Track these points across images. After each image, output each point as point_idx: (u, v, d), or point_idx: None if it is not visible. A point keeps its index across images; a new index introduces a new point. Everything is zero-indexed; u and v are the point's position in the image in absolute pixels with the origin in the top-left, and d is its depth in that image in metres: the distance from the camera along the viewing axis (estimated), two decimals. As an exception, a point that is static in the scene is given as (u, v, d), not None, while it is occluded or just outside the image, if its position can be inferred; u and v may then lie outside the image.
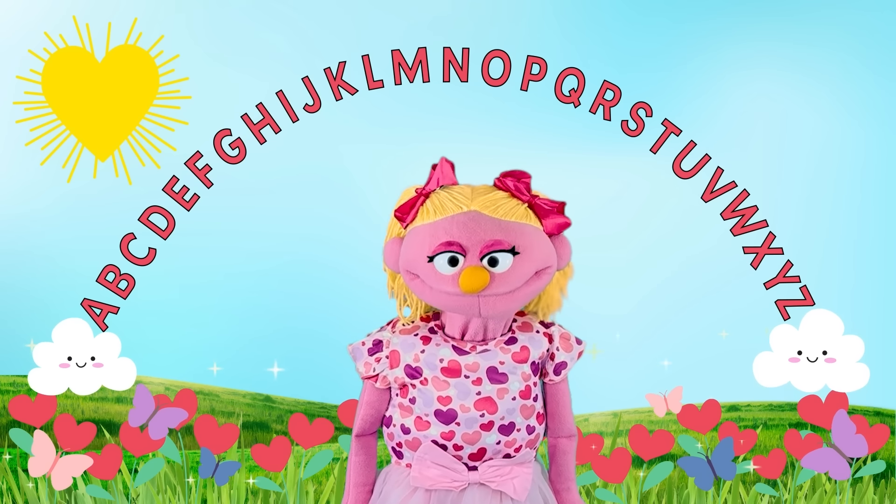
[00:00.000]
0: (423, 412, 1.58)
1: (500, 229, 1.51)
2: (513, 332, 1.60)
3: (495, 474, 1.58)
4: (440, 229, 1.52)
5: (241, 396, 2.64)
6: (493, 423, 1.56)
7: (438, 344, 1.58)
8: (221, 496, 2.46)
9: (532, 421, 1.60)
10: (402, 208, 1.57)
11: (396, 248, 1.57)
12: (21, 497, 2.49)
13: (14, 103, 2.42)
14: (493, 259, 1.50)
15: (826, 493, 2.50)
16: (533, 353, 1.60)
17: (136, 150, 2.43)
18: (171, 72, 2.42)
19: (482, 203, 1.53)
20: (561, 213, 1.56)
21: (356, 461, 1.67)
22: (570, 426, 1.67)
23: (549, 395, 1.65)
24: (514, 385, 1.57)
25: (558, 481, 1.69)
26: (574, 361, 1.64)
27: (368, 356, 1.61)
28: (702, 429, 2.44)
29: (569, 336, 1.64)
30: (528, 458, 1.60)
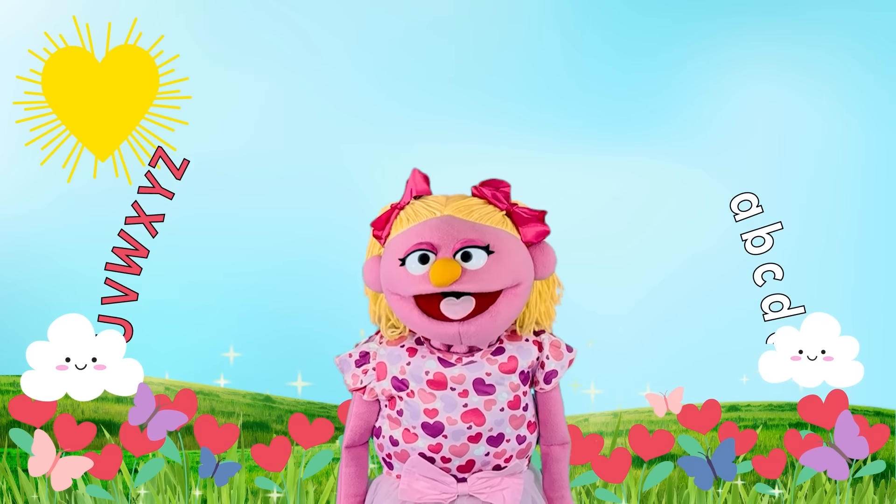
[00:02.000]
0: (411, 424, 1.56)
1: (473, 229, 1.49)
2: (500, 342, 1.58)
3: (485, 486, 1.56)
4: (413, 233, 1.50)
5: (241, 396, 2.65)
6: (482, 434, 1.55)
7: (424, 356, 1.56)
8: (221, 496, 2.46)
9: (522, 430, 1.58)
10: (376, 223, 1.56)
11: (376, 265, 1.55)
12: (21, 497, 2.49)
13: (14, 103, 2.42)
14: (467, 254, 1.48)
15: (826, 493, 2.51)
16: (522, 362, 1.58)
17: (136, 150, 2.43)
18: (171, 72, 2.42)
19: (456, 208, 1.52)
20: (541, 222, 1.54)
21: (346, 472, 1.66)
22: (562, 434, 1.66)
23: (540, 404, 1.63)
24: (501, 396, 1.55)
25: (552, 489, 1.68)
26: (565, 370, 1.62)
27: (356, 368, 1.59)
28: (702, 429, 2.44)
29: (559, 344, 1.62)
30: (518, 469, 1.59)
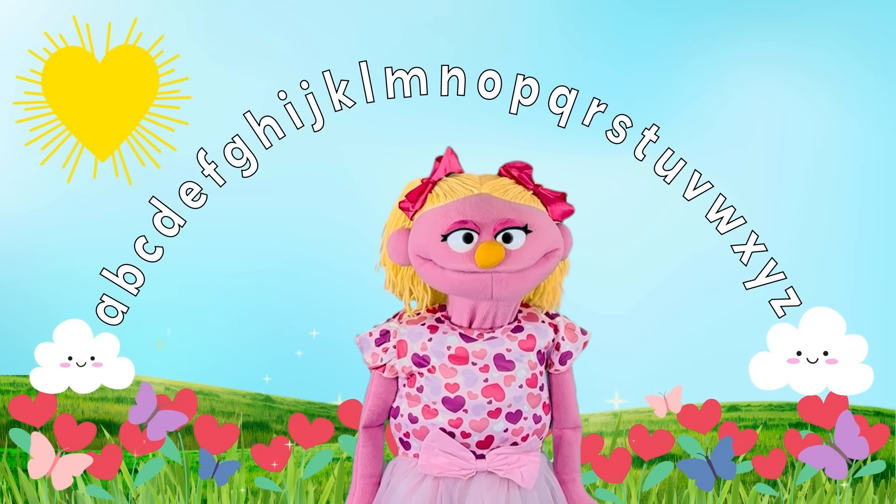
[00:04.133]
0: (431, 400, 1.58)
1: (511, 209, 1.54)
2: (519, 322, 1.61)
3: (503, 462, 1.58)
4: (452, 210, 1.54)
5: (241, 396, 2.65)
6: (501, 410, 1.57)
7: (446, 332, 1.59)
8: (221, 496, 2.46)
9: (538, 410, 1.60)
10: (410, 196, 1.58)
11: (403, 237, 1.58)
12: (21, 497, 2.49)
13: (14, 103, 2.42)
14: (508, 235, 1.52)
15: (826, 493, 2.50)
16: (539, 342, 1.60)
17: (136, 150, 2.43)
18: (171, 72, 2.42)
19: (491, 187, 1.56)
20: (564, 201, 1.59)
21: (363, 452, 1.66)
22: (575, 417, 1.68)
23: (554, 386, 1.65)
24: (520, 373, 1.58)
25: (564, 472, 1.69)
26: (579, 352, 1.65)
27: (376, 346, 1.61)
28: (702, 429, 2.44)
29: (574, 326, 1.65)
30: (535, 447, 1.60)
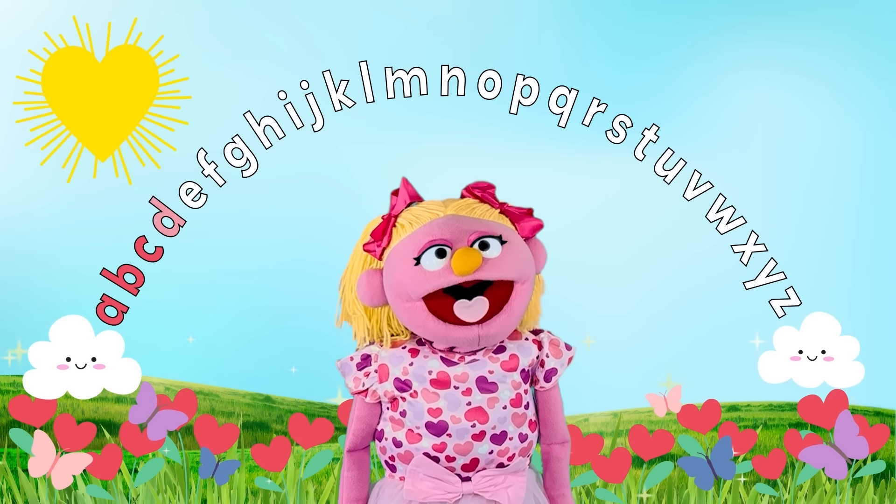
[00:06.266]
0: (414, 425, 1.56)
1: (481, 223, 1.52)
2: (501, 341, 1.58)
3: (489, 484, 1.56)
4: (420, 234, 1.51)
5: (241, 396, 2.64)
6: (485, 433, 1.55)
7: (427, 356, 1.57)
8: (221, 496, 2.46)
9: (524, 429, 1.59)
10: (374, 234, 1.55)
11: (376, 277, 1.55)
12: (21, 497, 2.49)
13: (14, 103, 2.42)
14: (484, 243, 1.49)
15: (826, 493, 2.51)
16: (522, 360, 1.58)
17: (136, 150, 2.43)
18: (171, 72, 2.42)
19: (456, 207, 1.54)
20: (532, 216, 1.56)
21: (349, 476, 1.65)
22: (562, 432, 1.66)
23: (540, 402, 1.63)
24: (504, 394, 1.56)
25: (553, 488, 1.68)
26: (564, 367, 1.63)
27: (357, 371, 1.59)
28: (702, 429, 2.44)
29: (558, 342, 1.62)
30: (521, 467, 1.59)
